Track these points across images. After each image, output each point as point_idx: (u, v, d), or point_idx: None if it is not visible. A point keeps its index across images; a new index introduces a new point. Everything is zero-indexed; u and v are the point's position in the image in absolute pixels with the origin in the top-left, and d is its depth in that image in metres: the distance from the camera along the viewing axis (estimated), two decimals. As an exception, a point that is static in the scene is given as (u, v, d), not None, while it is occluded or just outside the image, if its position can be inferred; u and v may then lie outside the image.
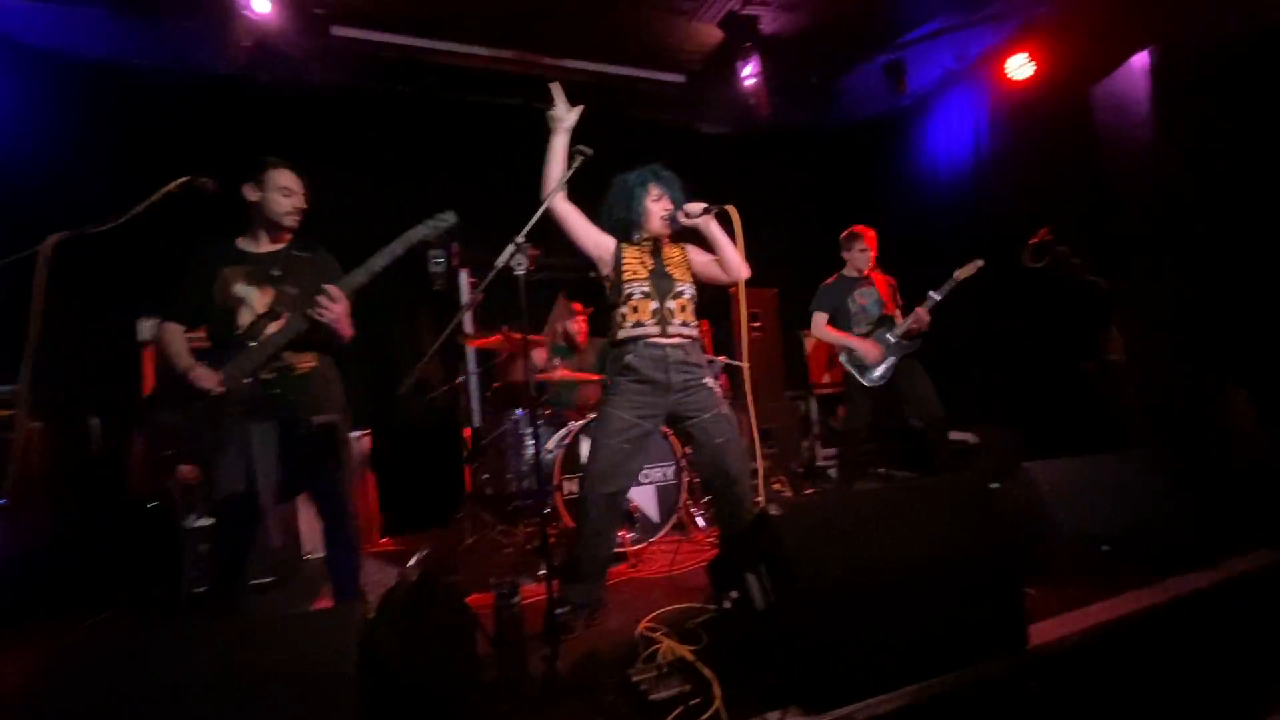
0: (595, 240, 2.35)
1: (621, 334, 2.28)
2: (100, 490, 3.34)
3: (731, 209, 2.19)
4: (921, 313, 3.44)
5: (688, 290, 2.35)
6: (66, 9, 3.46)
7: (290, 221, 2.18)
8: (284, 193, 2.15)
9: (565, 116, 2.26)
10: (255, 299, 2.12)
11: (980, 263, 3.43)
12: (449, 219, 2.15)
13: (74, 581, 2.91)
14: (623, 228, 2.38)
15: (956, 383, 3.68)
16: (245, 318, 2.10)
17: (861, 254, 3.62)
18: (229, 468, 2.03)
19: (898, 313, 3.58)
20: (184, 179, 1.89)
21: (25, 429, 1.78)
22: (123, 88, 3.84)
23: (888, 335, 3.51)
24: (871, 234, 3.65)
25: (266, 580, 2.99)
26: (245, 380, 2.05)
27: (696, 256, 2.43)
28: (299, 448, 2.14)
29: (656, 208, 2.34)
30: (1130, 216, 3.32)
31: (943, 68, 4.78)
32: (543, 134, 2.29)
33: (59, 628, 2.59)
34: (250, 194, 2.15)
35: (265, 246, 2.20)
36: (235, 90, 4.00)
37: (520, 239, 1.79)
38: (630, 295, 2.28)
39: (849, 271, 3.68)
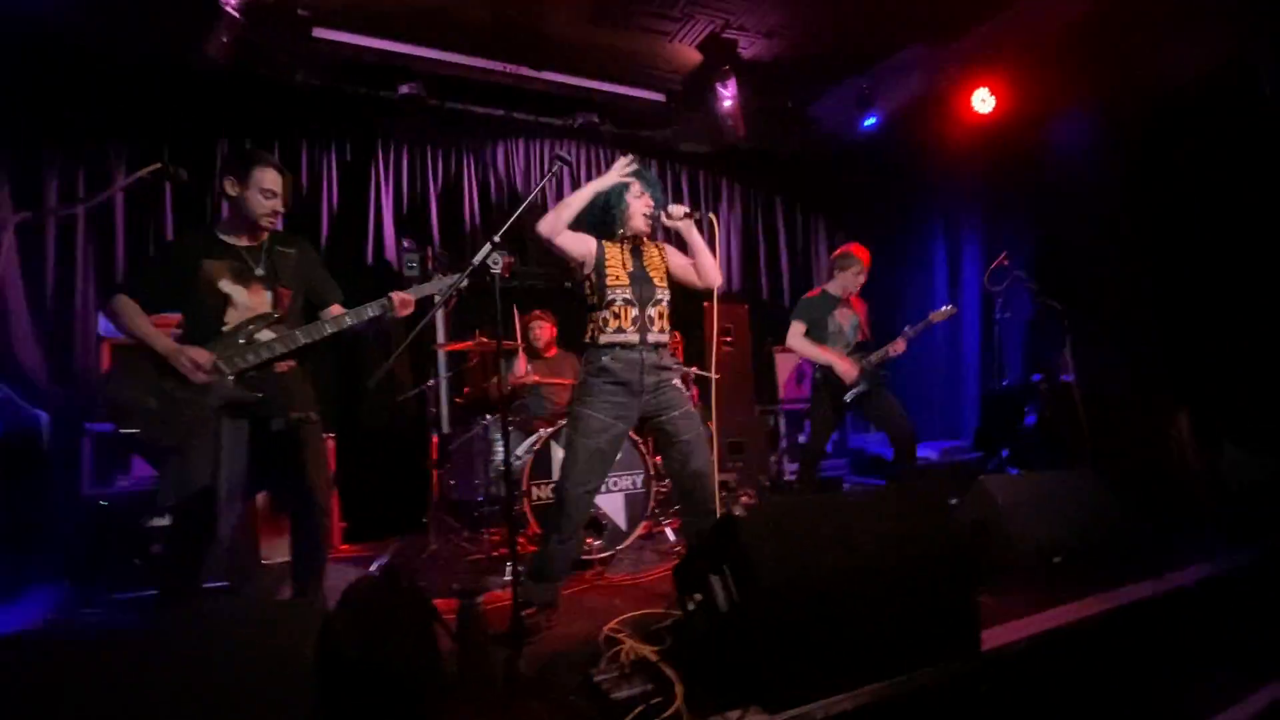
0: (580, 248, 2.34)
1: (602, 339, 2.31)
2: (50, 487, 3.22)
3: (713, 217, 2.30)
4: (899, 344, 3.50)
5: (666, 297, 2.41)
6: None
7: (267, 223, 2.15)
8: (266, 194, 2.10)
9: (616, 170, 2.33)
10: (243, 297, 2.10)
11: (953, 309, 3.53)
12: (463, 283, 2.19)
13: (20, 579, 2.79)
14: (605, 224, 2.38)
15: (921, 403, 3.78)
16: (233, 316, 2.07)
17: (855, 277, 3.60)
18: (193, 464, 1.98)
19: (870, 339, 3.64)
20: (156, 165, 1.86)
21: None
22: (98, 72, 3.76)
23: (864, 362, 3.52)
24: (868, 259, 3.64)
25: (219, 585, 2.91)
26: (229, 376, 2.02)
27: (674, 259, 2.47)
28: (272, 445, 2.11)
29: (639, 205, 2.37)
30: (1083, 246, 3.50)
31: (912, 95, 4.97)
32: (523, 143, 2.33)
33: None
34: (230, 188, 2.10)
35: (246, 240, 2.16)
36: (214, 83, 3.96)
37: (497, 238, 1.81)
38: (612, 301, 2.31)
39: (833, 289, 3.66)
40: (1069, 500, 2.64)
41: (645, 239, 2.44)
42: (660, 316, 2.37)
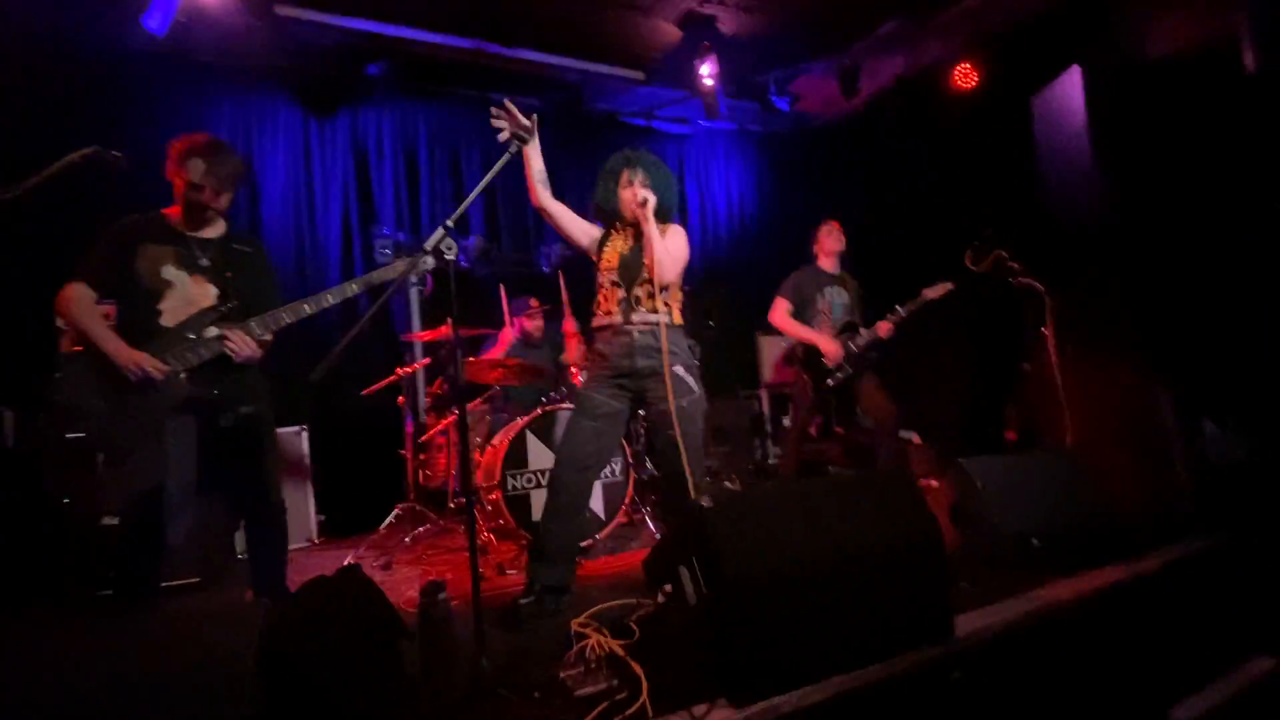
0: (584, 231, 2.38)
1: (595, 322, 2.34)
2: (11, 485, 3.13)
3: (649, 209, 2.20)
4: (886, 326, 3.40)
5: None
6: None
7: (199, 213, 2.06)
8: (192, 187, 2.02)
9: (528, 126, 2.17)
10: (185, 286, 2.03)
11: (950, 285, 3.40)
12: (428, 263, 1.96)
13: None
14: (606, 216, 2.38)
15: (901, 383, 3.72)
16: (176, 306, 2.00)
17: (833, 242, 3.54)
18: (143, 463, 1.93)
19: (860, 320, 3.54)
20: (89, 150, 1.76)
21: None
22: (46, 58, 3.61)
23: (850, 344, 3.43)
24: (841, 235, 3.59)
25: (188, 581, 2.85)
26: (181, 374, 1.95)
27: (674, 240, 2.33)
28: (221, 440, 2.05)
29: (628, 195, 2.29)
30: (1066, 224, 3.45)
31: (894, 74, 4.88)
32: (489, 125, 2.21)
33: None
34: (170, 174, 2.03)
35: (196, 229, 2.09)
36: (168, 65, 3.82)
37: (450, 222, 1.72)
38: (601, 285, 2.32)
39: (825, 265, 3.58)
40: (1048, 482, 2.60)
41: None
42: (649, 296, 2.27)
